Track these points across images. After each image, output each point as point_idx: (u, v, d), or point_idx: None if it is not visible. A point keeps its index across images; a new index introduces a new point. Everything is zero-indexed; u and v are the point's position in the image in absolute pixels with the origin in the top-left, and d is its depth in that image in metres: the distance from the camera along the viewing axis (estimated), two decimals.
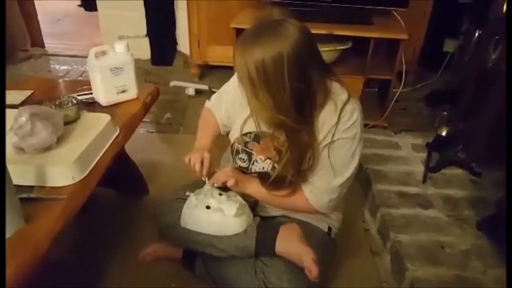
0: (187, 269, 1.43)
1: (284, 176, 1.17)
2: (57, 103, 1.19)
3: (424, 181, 1.78)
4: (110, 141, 1.17)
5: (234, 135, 1.31)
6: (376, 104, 2.49)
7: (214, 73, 2.99)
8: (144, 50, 3.13)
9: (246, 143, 1.27)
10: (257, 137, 1.25)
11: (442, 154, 1.88)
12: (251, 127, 1.24)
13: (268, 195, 1.23)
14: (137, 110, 1.37)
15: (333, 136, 1.11)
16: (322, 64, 1.10)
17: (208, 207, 1.22)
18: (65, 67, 3.22)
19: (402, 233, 1.52)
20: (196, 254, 1.38)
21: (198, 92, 2.73)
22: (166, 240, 1.42)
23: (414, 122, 2.47)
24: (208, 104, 1.45)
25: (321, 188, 1.18)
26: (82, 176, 1.01)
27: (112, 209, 1.77)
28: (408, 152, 1.99)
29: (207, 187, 1.26)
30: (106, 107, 1.38)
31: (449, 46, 2.89)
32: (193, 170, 1.25)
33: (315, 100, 1.09)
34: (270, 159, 1.23)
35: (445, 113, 2.42)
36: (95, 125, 1.15)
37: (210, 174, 1.27)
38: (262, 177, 1.25)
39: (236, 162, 1.31)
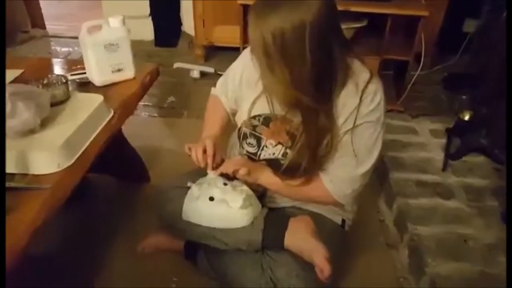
0: (189, 262, 1.35)
1: (298, 163, 1.06)
2: (44, 82, 1.09)
3: (444, 169, 1.66)
4: (103, 124, 1.07)
5: (241, 118, 1.20)
6: (391, 87, 2.35)
7: (219, 55, 2.87)
8: (147, 30, 3.01)
9: (254, 127, 1.16)
10: (266, 120, 1.14)
11: (464, 140, 1.75)
12: (260, 109, 1.14)
13: (282, 186, 1.12)
14: (134, 90, 1.26)
15: (355, 120, 1.01)
16: (343, 40, 0.99)
17: (211, 199, 1.13)
18: (66, 49, 3.11)
19: (421, 225, 1.41)
20: (198, 246, 1.29)
21: (203, 74, 2.61)
22: (167, 231, 1.33)
23: (431, 106, 2.33)
24: (214, 90, 1.35)
25: (343, 178, 1.07)
26: (69, 163, 0.91)
27: (111, 197, 1.69)
28: (426, 138, 1.86)
29: (210, 175, 1.16)
30: (100, 87, 1.27)
31: (469, 26, 2.72)
32: (195, 161, 1.15)
33: (335, 78, 0.98)
34: (281, 144, 1.12)
35: (464, 97, 2.29)
36: (86, 106, 1.05)
37: (215, 164, 1.16)
38: (272, 164, 1.15)
39: (243, 148, 1.21)
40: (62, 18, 3.74)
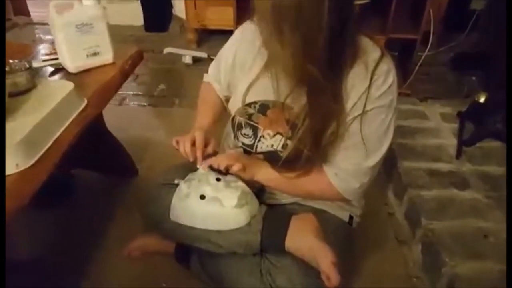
0: (181, 265, 1.22)
1: (299, 153, 0.94)
2: (6, 69, 0.94)
3: (458, 156, 1.52)
4: (74, 115, 0.93)
5: (235, 106, 1.07)
6: (397, 69, 2.19)
7: (213, 39, 2.72)
8: (136, 15, 2.83)
9: (250, 116, 1.03)
10: (263, 108, 1.01)
11: (478, 124, 1.61)
12: (256, 95, 1.02)
13: (282, 182, 1.00)
14: (112, 76, 1.11)
15: (365, 105, 0.89)
16: (355, 11, 0.85)
17: (202, 197, 1.01)
18: (51, 37, 2.93)
19: (435, 219, 1.28)
20: (191, 249, 1.17)
21: (196, 60, 2.47)
22: (155, 232, 1.20)
23: (438, 89, 2.19)
24: (206, 76, 1.22)
25: (349, 171, 0.95)
26: (30, 163, 0.77)
27: (95, 194, 1.56)
28: (437, 123, 1.72)
29: (201, 170, 1.04)
30: (74, 74, 1.12)
31: (477, 3, 2.56)
32: (184, 155, 1.03)
33: (346, 54, 0.85)
34: (280, 134, 1.00)
35: (474, 78, 2.14)
36: (53, 95, 0.90)
37: (206, 157, 1.03)
38: (271, 157, 1.02)
39: (238, 139, 1.08)
40: (47, 4, 3.55)
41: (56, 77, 1.12)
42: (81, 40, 1.08)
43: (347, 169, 0.95)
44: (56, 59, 1.18)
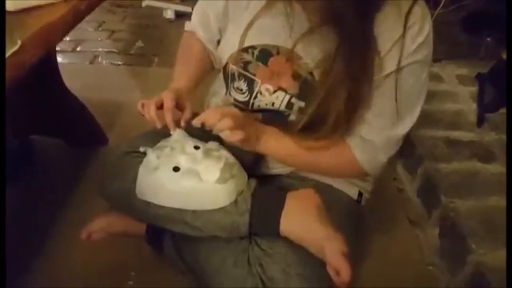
0: (153, 248, 1.01)
1: (324, 116, 0.75)
2: None
3: (479, 123, 1.32)
4: None
5: (228, 51, 0.87)
6: None
7: None
8: None
9: (246, 64, 0.84)
10: (264, 55, 0.82)
11: (501, 87, 1.40)
12: (255, 38, 0.83)
13: (296, 154, 0.80)
14: (60, 16, 0.87)
15: (399, 60, 0.72)
16: None
17: (176, 169, 0.79)
18: None
19: (457, 197, 1.09)
20: (164, 230, 0.94)
21: (178, 15, 2.24)
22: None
23: (451, 49, 1.97)
24: (188, 25, 0.99)
25: (377, 142, 0.78)
26: None
27: (57, 164, 1.34)
28: (453, 86, 1.53)
29: (175, 136, 0.83)
30: (13, 12, 0.88)
31: None
32: (150, 120, 0.82)
33: None
34: (283, 91, 0.80)
35: (489, 39, 1.93)
36: None
37: (178, 122, 0.82)
38: (270, 119, 0.83)
39: (230, 94, 0.88)
40: None
41: None
42: None
43: (373, 140, 0.78)
44: None
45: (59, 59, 1.85)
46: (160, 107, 0.82)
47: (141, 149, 0.83)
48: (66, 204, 1.20)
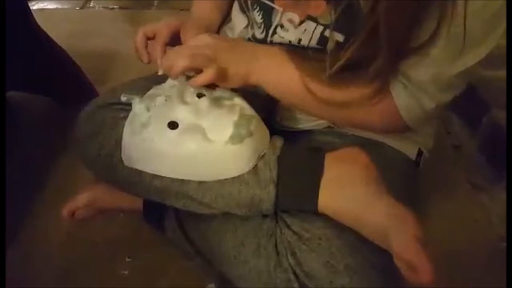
0: (152, 227, 0.82)
1: (368, 57, 0.54)
2: None
3: None
4: None
5: None
6: None
7: None
8: None
9: None
10: None
11: None
12: None
13: (317, 88, 0.58)
14: None
15: None
16: None
17: (173, 125, 0.59)
18: None
19: None
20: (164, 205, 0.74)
21: None
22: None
23: None
24: None
25: (424, 82, 0.55)
26: None
27: (40, 123, 1.17)
28: None
29: (170, 82, 0.64)
30: None
31: None
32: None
33: None
34: (313, 20, 0.60)
35: None
36: None
37: None
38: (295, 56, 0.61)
39: (252, 28, 0.69)
40: None
41: None
42: None
43: (420, 80, 0.55)
44: None
45: (46, 5, 1.68)
46: (152, 37, 0.69)
47: (123, 98, 0.62)
48: (49, 168, 1.03)
